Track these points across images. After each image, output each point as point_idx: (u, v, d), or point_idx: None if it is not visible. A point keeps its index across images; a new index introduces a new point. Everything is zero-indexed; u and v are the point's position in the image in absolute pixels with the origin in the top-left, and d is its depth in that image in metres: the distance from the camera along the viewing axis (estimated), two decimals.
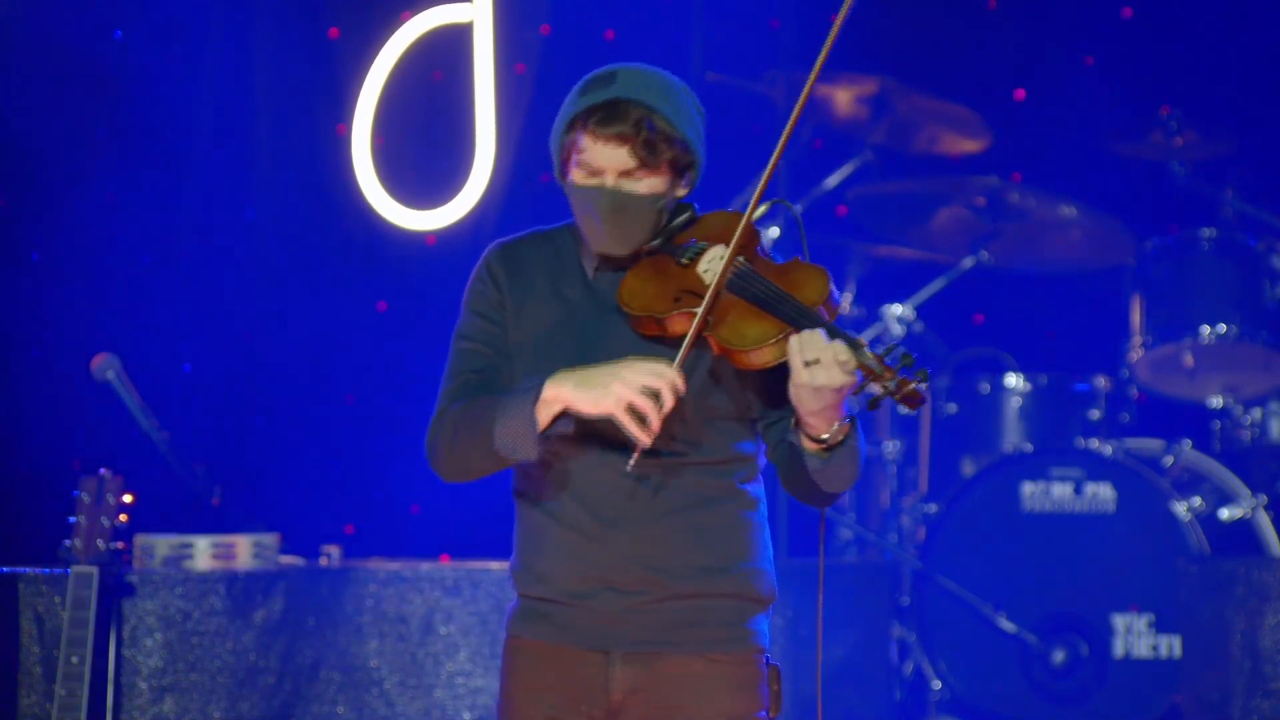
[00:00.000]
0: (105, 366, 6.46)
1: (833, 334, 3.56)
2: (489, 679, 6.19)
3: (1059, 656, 7.09)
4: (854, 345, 3.54)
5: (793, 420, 3.67)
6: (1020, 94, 8.42)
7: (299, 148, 8.08)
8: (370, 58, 7.66)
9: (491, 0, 7.62)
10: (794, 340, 3.56)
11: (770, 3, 7.95)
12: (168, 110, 7.96)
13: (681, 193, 3.80)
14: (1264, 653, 6.31)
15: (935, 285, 7.85)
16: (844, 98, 7.70)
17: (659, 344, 3.71)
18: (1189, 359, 7.52)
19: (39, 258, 7.81)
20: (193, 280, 7.99)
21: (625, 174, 3.73)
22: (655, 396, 3.56)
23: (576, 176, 3.76)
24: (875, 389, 3.55)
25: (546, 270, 3.84)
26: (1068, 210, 7.78)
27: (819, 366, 3.53)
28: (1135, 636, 7.07)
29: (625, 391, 3.57)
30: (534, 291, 3.82)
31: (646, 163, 3.72)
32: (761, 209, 3.78)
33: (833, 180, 7.78)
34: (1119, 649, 7.08)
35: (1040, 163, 8.29)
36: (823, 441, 3.64)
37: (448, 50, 7.69)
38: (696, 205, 3.84)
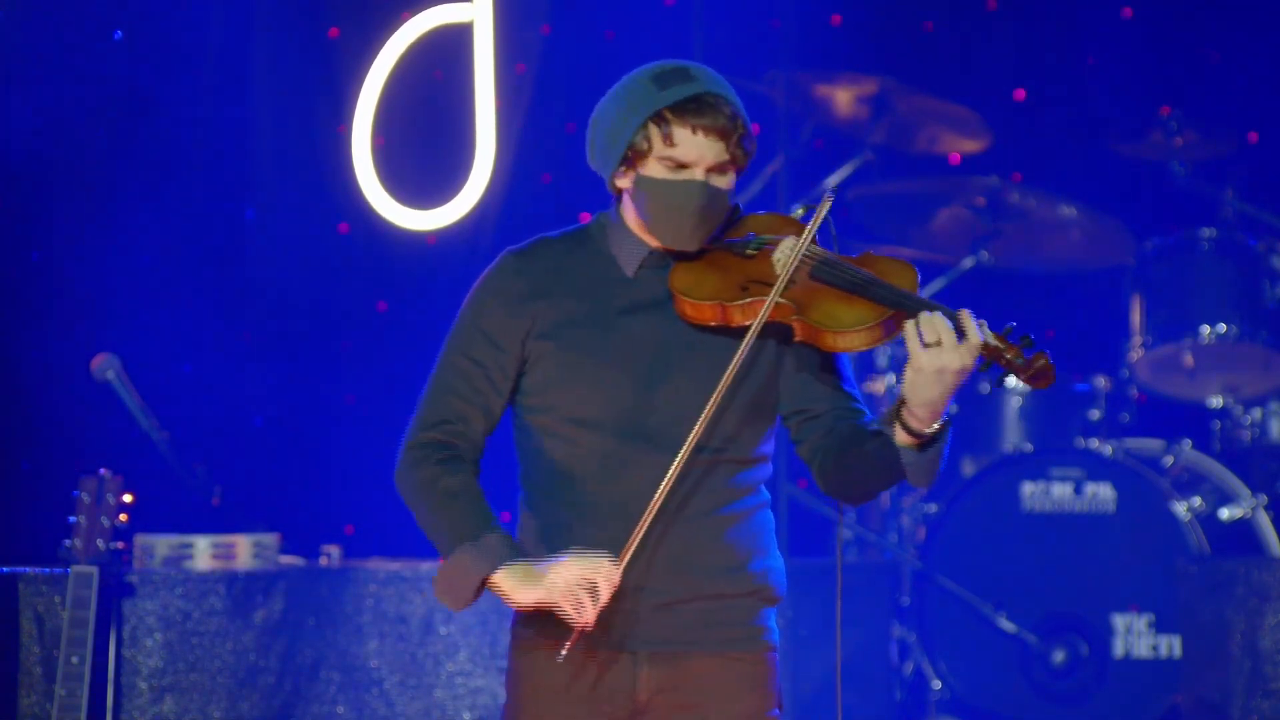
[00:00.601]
0: (105, 366, 6.46)
1: (950, 316, 3.55)
2: (489, 679, 6.19)
3: (1059, 656, 7.09)
4: (978, 327, 3.54)
5: (893, 410, 3.62)
6: (1020, 94, 8.42)
7: (299, 148, 8.07)
8: (370, 58, 7.66)
9: (491, 0, 7.62)
10: (910, 324, 3.55)
11: (770, 3, 7.95)
12: (168, 110, 7.96)
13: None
14: (1264, 653, 6.31)
15: (935, 285, 7.84)
16: (844, 98, 7.71)
17: (717, 333, 3.70)
18: (1189, 359, 7.52)
19: (39, 258, 7.82)
20: (193, 280, 7.99)
21: (713, 169, 3.71)
22: (592, 589, 3.60)
23: (658, 170, 3.71)
24: (1000, 366, 3.54)
25: (575, 271, 3.79)
26: (1068, 210, 7.79)
27: (940, 349, 3.51)
28: (1135, 636, 7.07)
29: (562, 582, 3.60)
30: (565, 292, 3.77)
31: (736, 159, 3.71)
32: (800, 210, 3.79)
33: (833, 180, 7.78)
34: (1119, 649, 7.08)
35: (1040, 163, 8.29)
36: (920, 436, 3.60)
37: (448, 50, 7.68)
38: (740, 205, 3.85)
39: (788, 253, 3.68)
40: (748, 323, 3.64)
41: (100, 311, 7.78)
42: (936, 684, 7.20)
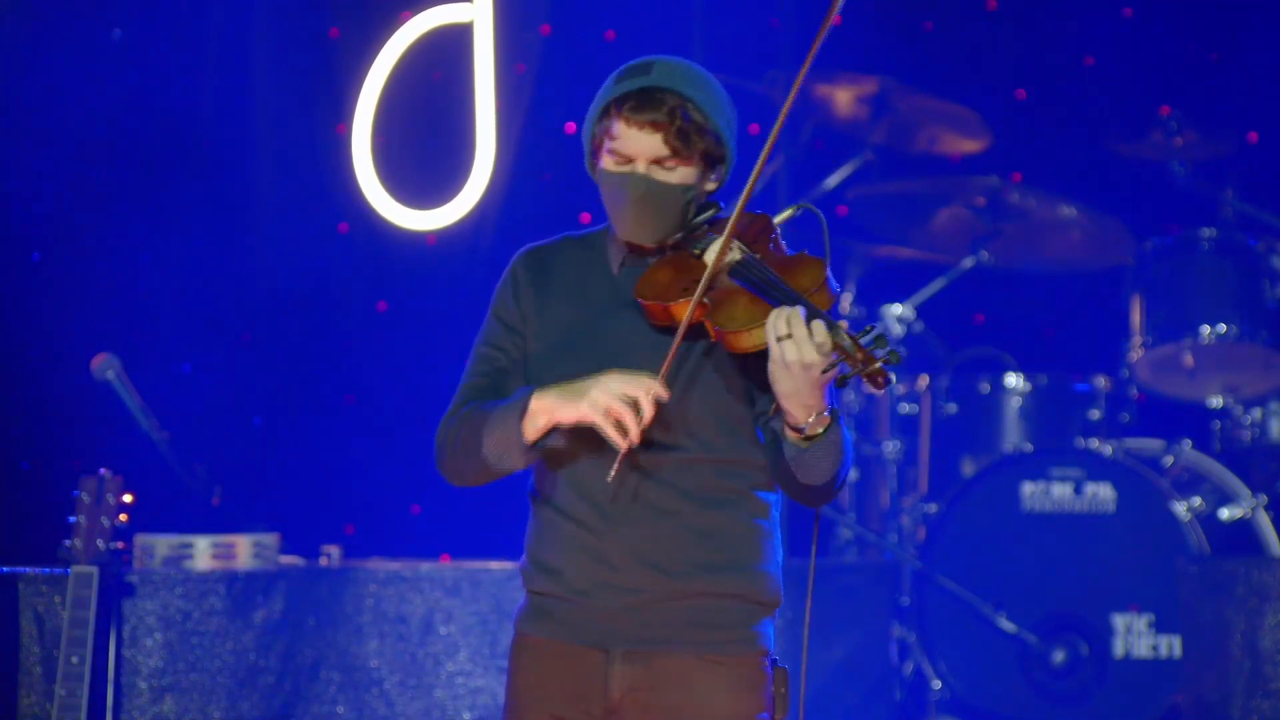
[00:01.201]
0: (105, 366, 6.46)
1: (812, 315, 3.57)
2: (489, 679, 6.20)
3: (1059, 656, 7.09)
4: (831, 326, 3.55)
5: (774, 406, 3.67)
6: (1020, 94, 8.42)
7: (299, 148, 8.08)
8: (370, 58, 7.66)
9: (491, 0, 7.62)
10: (770, 316, 3.58)
11: (770, 3, 7.95)
12: (167, 110, 7.96)
13: (711, 187, 3.82)
14: (1264, 653, 6.31)
15: (935, 285, 7.85)
16: (844, 98, 7.71)
17: (670, 334, 3.72)
18: (1189, 359, 7.52)
19: (39, 258, 7.82)
20: (193, 280, 7.99)
21: (657, 162, 3.74)
22: (636, 406, 3.59)
23: (607, 163, 3.77)
24: (846, 366, 3.57)
25: (574, 270, 3.86)
26: (1068, 210, 7.79)
27: (790, 342, 3.54)
28: (1135, 636, 7.07)
29: (604, 398, 3.60)
30: (559, 292, 3.84)
31: (679, 152, 3.74)
32: (788, 212, 3.82)
33: (833, 180, 7.78)
34: (1119, 649, 7.08)
35: (1040, 163, 8.29)
36: (798, 430, 3.63)
37: (448, 50, 7.69)
38: (722, 203, 3.86)
39: (711, 254, 3.71)
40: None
41: (100, 311, 7.78)
42: (936, 684, 7.20)
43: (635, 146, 3.73)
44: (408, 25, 7.65)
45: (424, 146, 7.90)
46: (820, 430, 3.63)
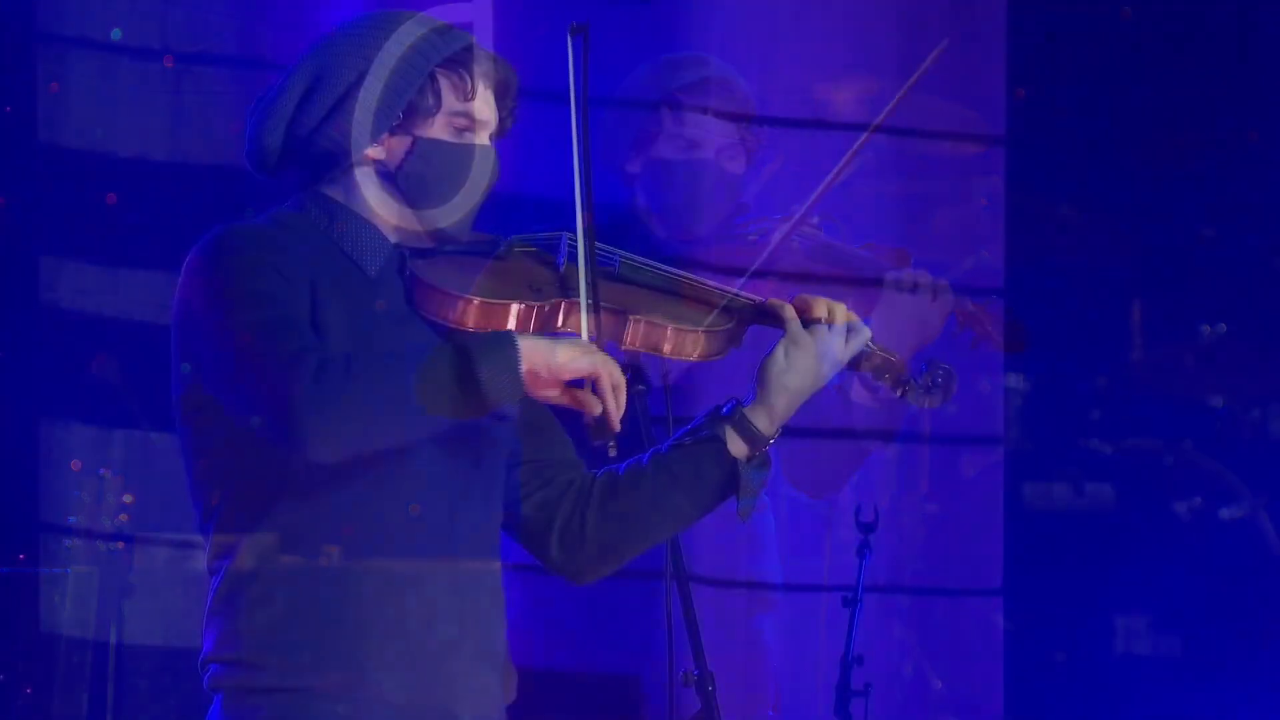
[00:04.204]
0: (105, 367, 6.46)
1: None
2: None
3: (1058, 657, 7.10)
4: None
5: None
6: (1020, 94, 8.42)
7: None
8: None
9: (491, 0, 7.62)
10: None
11: (770, 2, 7.94)
12: (166, 109, 7.96)
13: None
14: None
15: None
16: (843, 98, 7.71)
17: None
18: (1188, 359, 7.52)
19: (39, 257, 7.82)
20: None
21: (724, 150, 3.70)
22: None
23: (668, 151, 3.70)
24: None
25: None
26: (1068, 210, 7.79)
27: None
28: (1135, 637, 7.08)
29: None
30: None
31: (747, 141, 3.70)
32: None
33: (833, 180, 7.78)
34: (1119, 649, 7.09)
35: (1040, 162, 8.29)
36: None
37: None
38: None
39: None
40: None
41: (100, 311, 7.78)
42: (937, 684, 7.21)
43: (707, 134, 3.68)
44: None
45: None
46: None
